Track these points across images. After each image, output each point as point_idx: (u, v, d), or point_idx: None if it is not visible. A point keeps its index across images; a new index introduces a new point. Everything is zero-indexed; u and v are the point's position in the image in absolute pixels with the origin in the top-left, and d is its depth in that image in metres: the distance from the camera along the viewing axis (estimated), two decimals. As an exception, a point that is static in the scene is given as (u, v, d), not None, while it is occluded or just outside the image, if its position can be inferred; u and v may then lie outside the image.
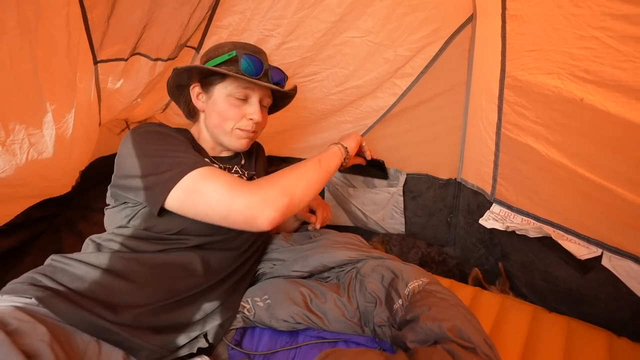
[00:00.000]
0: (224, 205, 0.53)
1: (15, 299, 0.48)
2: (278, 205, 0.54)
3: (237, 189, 0.54)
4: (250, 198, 0.54)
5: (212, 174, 0.56)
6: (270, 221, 0.53)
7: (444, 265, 1.02)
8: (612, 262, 0.66)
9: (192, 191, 0.54)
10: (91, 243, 0.63)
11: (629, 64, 0.50)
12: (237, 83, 0.68)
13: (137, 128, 0.63)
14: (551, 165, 0.68)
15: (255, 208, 0.53)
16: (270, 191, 0.55)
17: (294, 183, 0.58)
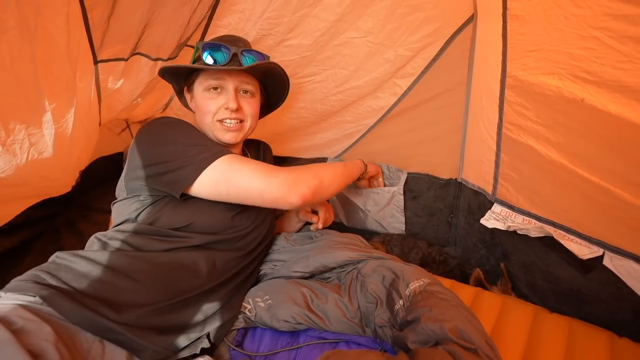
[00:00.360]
0: (262, 182, 0.59)
1: (19, 297, 0.47)
2: (310, 184, 0.61)
3: (274, 169, 0.61)
4: (287, 176, 0.60)
5: (245, 159, 0.63)
6: (303, 196, 0.59)
7: (445, 265, 1.01)
8: (613, 262, 0.66)
9: (229, 170, 0.59)
10: (97, 241, 0.63)
11: (629, 64, 0.50)
12: (207, 75, 0.69)
13: (157, 120, 0.66)
14: (551, 165, 0.68)
15: (291, 184, 0.59)
16: (303, 173, 0.63)
17: (324, 172, 0.67)
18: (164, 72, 0.71)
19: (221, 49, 0.68)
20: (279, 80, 0.78)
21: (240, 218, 0.68)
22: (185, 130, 0.64)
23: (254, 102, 0.75)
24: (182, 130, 0.64)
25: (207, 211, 0.62)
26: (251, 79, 0.73)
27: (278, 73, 0.75)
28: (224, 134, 0.71)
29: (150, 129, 0.64)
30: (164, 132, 0.63)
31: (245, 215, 0.69)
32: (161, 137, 0.62)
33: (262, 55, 0.72)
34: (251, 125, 0.75)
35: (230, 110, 0.69)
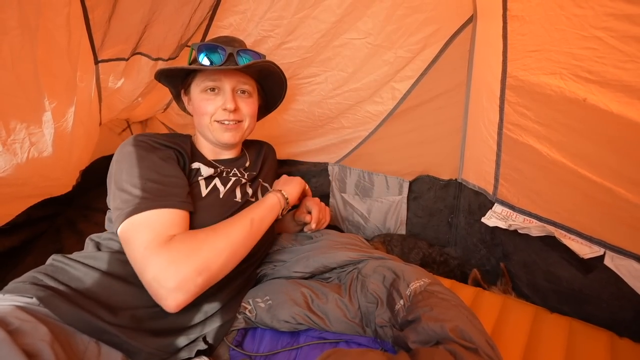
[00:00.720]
0: (138, 269, 0.51)
1: (17, 298, 0.48)
2: (190, 286, 0.50)
3: (150, 255, 0.50)
4: (160, 272, 0.49)
5: (139, 226, 0.53)
6: (178, 306, 0.50)
7: (445, 265, 1.01)
8: (614, 261, 0.66)
9: (124, 240, 0.54)
10: (90, 242, 0.63)
11: (631, 64, 0.50)
12: (203, 76, 0.69)
13: (123, 146, 0.62)
14: (552, 165, 0.68)
15: (162, 286, 0.49)
16: (184, 268, 0.50)
17: (215, 255, 0.54)
18: (160, 75, 0.70)
19: (217, 50, 0.67)
20: (276, 79, 0.77)
21: None
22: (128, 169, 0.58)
23: (252, 102, 0.74)
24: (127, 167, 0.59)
25: (196, 217, 0.62)
26: (248, 79, 0.72)
27: (275, 72, 0.74)
28: (222, 133, 0.71)
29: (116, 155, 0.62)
30: (116, 166, 0.61)
31: None
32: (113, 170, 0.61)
33: (258, 54, 0.71)
34: (249, 125, 0.75)
35: (228, 110, 0.68)
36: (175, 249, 0.52)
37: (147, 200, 0.54)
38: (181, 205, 0.58)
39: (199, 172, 0.68)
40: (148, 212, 0.54)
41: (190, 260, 0.51)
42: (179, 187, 0.60)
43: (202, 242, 0.54)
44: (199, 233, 0.56)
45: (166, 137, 0.68)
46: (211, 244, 0.55)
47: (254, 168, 0.82)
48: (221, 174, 0.72)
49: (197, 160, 0.70)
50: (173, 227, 0.55)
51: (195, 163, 0.69)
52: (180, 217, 0.57)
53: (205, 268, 0.52)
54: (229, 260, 0.56)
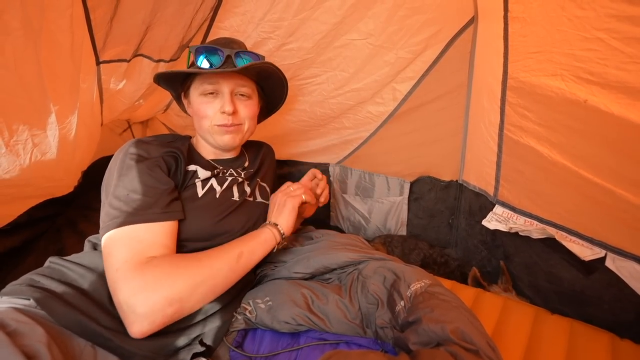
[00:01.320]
0: (111, 289, 0.50)
1: (14, 301, 0.48)
2: (157, 317, 0.48)
3: (121, 278, 0.49)
4: (129, 297, 0.47)
5: (117, 243, 0.52)
6: (142, 333, 0.48)
7: (446, 266, 1.01)
8: (615, 263, 0.66)
9: (104, 255, 0.53)
10: (88, 243, 0.63)
11: (633, 65, 0.50)
12: (202, 80, 0.68)
13: (117, 154, 0.62)
14: (553, 167, 0.68)
15: (130, 312, 0.47)
16: (154, 297, 0.48)
17: (192, 286, 0.51)
18: (158, 79, 0.70)
19: (215, 52, 0.67)
20: (277, 80, 0.76)
21: (227, 223, 0.66)
22: (117, 178, 0.58)
23: (251, 104, 0.73)
24: (117, 176, 0.58)
25: (192, 218, 0.62)
26: (247, 81, 0.72)
27: (274, 72, 0.73)
28: (222, 136, 0.71)
29: (113, 160, 0.62)
30: (109, 173, 0.60)
31: (232, 220, 0.68)
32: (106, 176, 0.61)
33: (257, 56, 0.71)
34: (249, 128, 0.74)
35: (227, 114, 0.68)
36: (150, 274, 0.49)
37: (126, 214, 0.53)
38: (161, 216, 0.56)
39: (195, 174, 0.68)
40: (128, 227, 0.53)
41: (163, 289, 0.49)
42: (162, 198, 0.58)
43: (181, 271, 0.51)
44: (180, 260, 0.53)
45: (162, 142, 0.68)
46: (189, 275, 0.51)
47: (252, 168, 0.82)
48: (217, 175, 0.72)
49: (195, 162, 0.70)
50: (153, 245, 0.53)
51: (192, 165, 0.69)
52: (161, 231, 0.55)
53: (177, 299, 0.49)
54: (206, 295, 0.54)
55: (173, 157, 0.66)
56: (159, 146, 0.65)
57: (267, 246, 0.65)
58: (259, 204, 0.78)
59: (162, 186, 0.59)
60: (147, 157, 0.61)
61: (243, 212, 0.71)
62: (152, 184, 0.58)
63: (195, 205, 0.63)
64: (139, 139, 0.65)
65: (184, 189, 0.65)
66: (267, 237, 0.65)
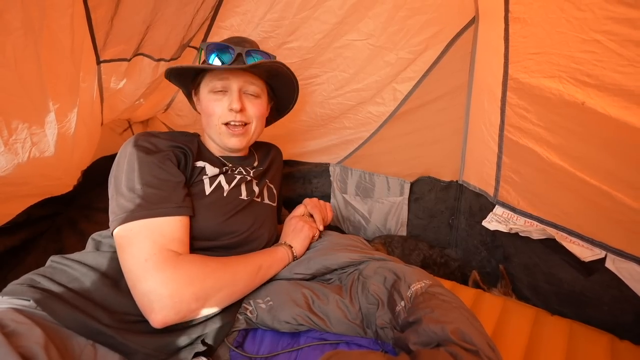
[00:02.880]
0: (132, 278, 0.51)
1: (14, 301, 0.48)
2: (183, 309, 0.50)
3: (152, 268, 0.50)
4: (159, 287, 0.49)
5: (138, 235, 0.52)
6: (165, 323, 0.49)
7: (446, 267, 1.01)
8: (616, 264, 0.66)
9: (119, 244, 0.53)
10: (91, 241, 0.63)
11: (630, 68, 0.51)
12: (212, 76, 0.69)
13: (124, 147, 0.61)
14: (552, 168, 0.68)
15: (157, 300, 0.48)
16: (184, 289, 0.50)
17: (217, 288, 0.54)
18: (169, 74, 0.70)
19: (225, 50, 0.68)
20: (286, 80, 0.76)
21: (234, 223, 0.66)
22: (129, 171, 0.58)
23: (259, 103, 0.73)
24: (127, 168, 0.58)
25: (199, 216, 0.61)
26: (256, 80, 0.71)
27: (284, 72, 0.72)
28: (229, 138, 0.71)
29: (120, 152, 0.61)
30: (117, 164, 0.60)
31: (239, 219, 0.68)
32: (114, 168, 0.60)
33: (269, 55, 0.71)
34: (257, 128, 0.74)
35: (234, 111, 0.68)
36: (182, 269, 0.52)
37: (142, 208, 0.54)
38: (177, 211, 0.57)
39: (204, 170, 0.68)
40: (147, 220, 0.53)
41: (194, 285, 0.51)
42: (176, 192, 0.58)
43: (211, 271, 0.54)
44: (209, 261, 0.56)
45: (170, 136, 0.67)
46: (217, 277, 0.55)
47: (261, 167, 0.81)
48: (226, 172, 0.71)
49: (203, 159, 0.70)
50: (174, 240, 0.54)
51: (201, 162, 0.69)
52: (178, 226, 0.56)
53: (203, 297, 0.52)
54: (227, 297, 0.57)
55: (182, 151, 0.66)
56: (167, 140, 0.65)
57: (282, 264, 0.68)
58: (266, 206, 0.77)
59: (175, 179, 0.60)
60: (157, 151, 0.62)
61: (250, 213, 0.71)
62: (166, 177, 0.59)
63: (202, 203, 0.63)
64: (147, 132, 0.65)
65: (191, 185, 0.65)
66: (283, 256, 0.69)
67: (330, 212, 0.85)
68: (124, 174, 0.58)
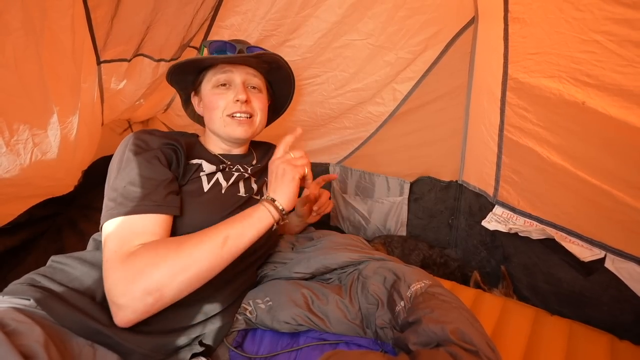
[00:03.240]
0: (104, 269, 0.51)
1: (14, 300, 0.48)
2: (139, 306, 0.48)
3: (109, 268, 0.49)
4: (112, 287, 0.48)
5: (110, 234, 0.52)
6: (127, 323, 0.48)
7: (446, 267, 1.01)
8: (615, 264, 0.66)
9: (102, 244, 0.53)
10: (92, 241, 0.63)
11: (629, 68, 0.51)
12: (214, 71, 0.70)
13: (119, 147, 0.62)
14: (552, 168, 0.68)
15: (113, 302, 0.48)
16: (132, 287, 0.47)
17: (171, 275, 0.49)
18: (171, 74, 0.70)
19: (227, 46, 0.70)
20: (285, 76, 0.78)
21: None
22: (121, 170, 0.58)
23: (262, 97, 0.75)
24: (119, 167, 0.58)
25: (197, 213, 0.61)
26: (258, 73, 0.74)
27: (283, 66, 0.75)
28: (235, 128, 0.70)
29: (117, 150, 0.62)
30: (112, 164, 0.60)
31: None
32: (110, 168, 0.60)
33: (263, 49, 0.73)
34: (260, 121, 0.74)
35: (240, 102, 0.68)
36: (131, 264, 0.49)
37: (121, 206, 0.54)
38: (155, 209, 0.54)
39: (200, 167, 0.68)
40: (122, 218, 0.53)
41: (141, 280, 0.48)
42: (157, 190, 0.57)
43: (160, 259, 0.50)
44: (161, 248, 0.51)
45: (165, 134, 0.67)
46: (169, 263, 0.50)
47: (259, 166, 0.82)
48: (224, 170, 0.71)
49: (199, 156, 0.70)
50: (143, 234, 0.52)
51: (197, 159, 0.69)
52: (153, 223, 0.54)
53: (155, 289, 0.48)
54: (188, 283, 0.51)
55: (172, 149, 0.65)
56: (161, 138, 0.65)
57: (261, 226, 0.56)
58: None
59: (159, 177, 0.59)
60: (146, 149, 0.61)
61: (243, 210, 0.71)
62: (149, 175, 0.58)
63: (200, 200, 0.63)
64: (142, 130, 0.65)
65: (187, 183, 0.65)
66: (262, 215, 0.57)
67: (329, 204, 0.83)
68: (112, 174, 0.59)
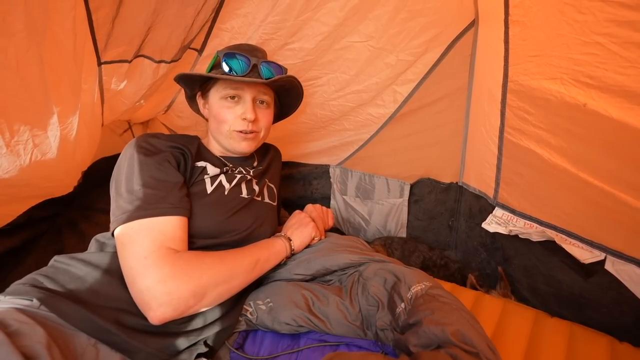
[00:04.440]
0: (131, 275, 0.51)
1: (17, 301, 0.48)
2: (181, 306, 0.51)
3: (151, 265, 0.50)
4: (157, 284, 0.49)
5: (138, 233, 0.53)
6: (163, 319, 0.50)
7: (446, 269, 1.01)
8: (615, 266, 0.66)
9: (119, 243, 0.54)
10: (95, 242, 0.63)
11: (632, 70, 0.51)
12: (225, 84, 0.69)
13: (126, 149, 0.62)
14: (554, 170, 0.68)
15: (155, 297, 0.49)
16: (182, 286, 0.50)
17: (214, 284, 0.54)
18: (180, 78, 0.71)
19: (241, 59, 0.68)
20: (295, 92, 0.79)
21: (235, 221, 0.67)
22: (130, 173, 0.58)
23: (269, 113, 0.75)
24: (129, 170, 0.59)
25: (201, 215, 0.62)
26: (268, 90, 0.73)
27: (295, 86, 0.76)
28: (240, 142, 0.72)
29: (122, 153, 0.62)
30: (119, 166, 0.61)
31: (240, 217, 0.68)
32: (116, 171, 0.61)
33: (280, 67, 0.72)
34: (264, 135, 0.76)
35: (248, 120, 0.69)
36: (179, 266, 0.52)
37: (141, 208, 0.55)
38: (174, 211, 0.57)
39: (205, 170, 0.69)
40: (145, 220, 0.54)
41: (191, 281, 0.52)
42: (172, 192, 0.59)
43: (207, 267, 0.55)
44: (206, 257, 0.56)
45: (170, 138, 0.68)
46: (214, 272, 0.55)
47: (260, 166, 0.82)
48: (226, 172, 0.72)
49: (204, 159, 0.71)
50: (174, 239, 0.55)
51: (202, 162, 0.70)
52: (177, 225, 0.57)
53: (201, 293, 0.52)
54: (224, 292, 0.57)
55: (180, 152, 0.67)
56: (167, 141, 0.66)
57: (279, 258, 0.68)
58: (267, 205, 0.78)
59: (173, 180, 0.60)
60: (156, 152, 0.62)
61: (251, 211, 0.71)
62: (163, 178, 0.59)
63: (204, 202, 0.64)
64: (148, 134, 0.66)
65: (192, 185, 0.66)
66: (281, 249, 0.68)
67: (331, 219, 0.86)
68: (123, 176, 0.59)
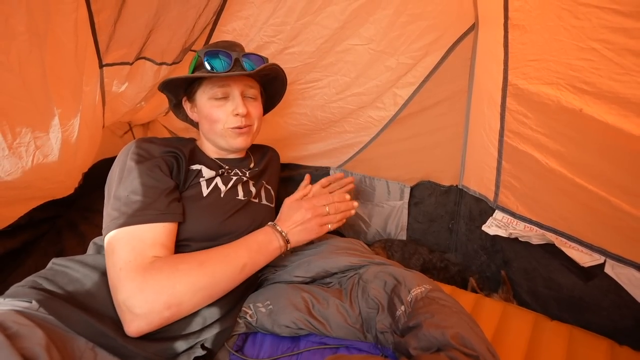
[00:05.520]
0: (112, 287, 0.51)
1: (16, 303, 0.48)
2: (155, 319, 0.49)
3: (123, 277, 0.50)
4: (128, 298, 0.49)
5: (119, 242, 0.52)
6: (139, 333, 0.49)
7: (446, 272, 1.01)
8: (615, 269, 0.66)
9: (105, 251, 0.54)
10: (92, 245, 0.64)
11: (626, 76, 0.51)
12: (212, 83, 0.69)
13: (119, 155, 0.63)
14: (551, 174, 0.69)
15: (128, 311, 0.48)
16: (152, 298, 0.49)
17: (192, 292, 0.51)
18: (166, 85, 0.70)
19: (222, 56, 0.68)
20: (279, 82, 0.79)
21: (232, 223, 0.67)
22: (123, 179, 0.58)
23: (258, 105, 0.76)
24: (120, 176, 0.59)
25: (197, 218, 0.62)
26: (254, 83, 0.74)
27: (280, 74, 0.76)
28: (236, 138, 0.72)
29: (117, 158, 0.63)
30: (114, 171, 0.61)
31: (237, 220, 0.68)
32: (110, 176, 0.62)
33: (261, 57, 0.72)
34: (258, 127, 0.76)
35: (240, 115, 0.69)
36: (150, 276, 0.50)
37: (127, 215, 0.54)
38: (160, 217, 0.56)
39: (200, 173, 0.69)
40: (129, 227, 0.54)
41: (163, 293, 0.50)
42: (160, 199, 0.58)
43: (182, 275, 0.52)
44: (181, 263, 0.53)
45: (165, 142, 0.68)
46: (190, 280, 0.52)
47: (257, 168, 0.82)
48: (222, 174, 0.72)
49: (199, 162, 0.71)
50: (155, 246, 0.54)
51: (197, 164, 0.69)
52: (161, 232, 0.56)
53: (175, 304, 0.50)
54: (203, 300, 0.54)
55: (174, 156, 0.66)
56: (161, 146, 0.66)
57: (272, 257, 0.64)
58: (264, 207, 0.78)
59: (162, 186, 0.60)
60: (147, 158, 0.62)
61: (248, 213, 0.71)
62: (152, 184, 0.59)
63: (200, 205, 0.64)
64: (142, 138, 0.66)
65: (187, 188, 0.66)
66: (274, 248, 0.64)
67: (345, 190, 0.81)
68: (114, 182, 0.59)
